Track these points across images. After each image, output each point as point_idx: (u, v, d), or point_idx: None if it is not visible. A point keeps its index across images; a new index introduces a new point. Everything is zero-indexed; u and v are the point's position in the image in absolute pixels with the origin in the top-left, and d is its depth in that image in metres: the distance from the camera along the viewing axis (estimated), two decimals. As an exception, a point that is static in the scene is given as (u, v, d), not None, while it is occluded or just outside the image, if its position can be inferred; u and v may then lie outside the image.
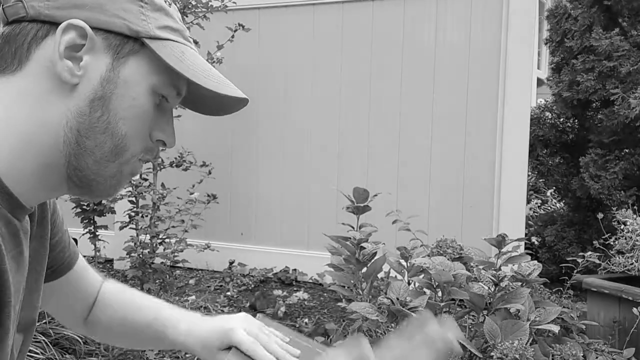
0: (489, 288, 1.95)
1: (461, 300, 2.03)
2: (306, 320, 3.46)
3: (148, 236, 3.35)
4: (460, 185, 4.03)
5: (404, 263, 2.11)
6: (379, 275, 2.22)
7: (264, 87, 4.48)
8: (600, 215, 3.40)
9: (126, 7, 0.66)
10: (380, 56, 4.21)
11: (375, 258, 2.13)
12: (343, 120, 4.32)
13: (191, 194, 3.56)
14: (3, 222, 0.63)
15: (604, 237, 3.08)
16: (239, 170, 4.62)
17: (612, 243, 2.97)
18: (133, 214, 3.44)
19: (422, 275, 2.01)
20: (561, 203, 5.23)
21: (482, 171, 3.97)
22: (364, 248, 2.12)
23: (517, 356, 1.65)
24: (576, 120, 4.63)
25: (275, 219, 4.52)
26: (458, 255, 2.11)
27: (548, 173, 4.70)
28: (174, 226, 3.44)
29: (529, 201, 5.90)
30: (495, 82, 3.91)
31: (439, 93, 4.07)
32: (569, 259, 2.65)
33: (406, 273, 2.11)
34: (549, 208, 5.89)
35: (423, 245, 2.26)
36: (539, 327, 1.88)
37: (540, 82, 7.88)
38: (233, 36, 3.88)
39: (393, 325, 1.89)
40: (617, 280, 2.94)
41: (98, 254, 3.52)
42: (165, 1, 0.70)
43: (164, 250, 3.33)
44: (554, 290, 2.57)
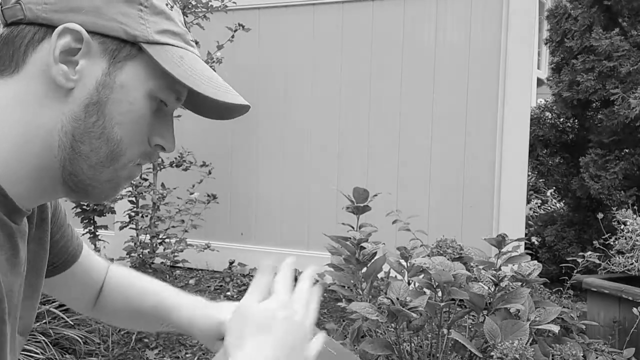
0: (489, 288, 1.96)
1: (461, 300, 2.04)
2: (306, 320, 3.46)
3: (148, 236, 3.35)
4: (460, 185, 4.03)
5: (404, 263, 2.11)
6: (379, 275, 2.22)
7: (264, 87, 4.48)
8: (600, 215, 3.40)
9: (124, 11, 0.65)
10: (380, 56, 4.21)
11: (375, 258, 2.13)
12: (343, 120, 4.32)
13: (191, 194, 3.56)
14: None
15: (604, 237, 3.08)
16: (239, 170, 4.62)
17: (612, 243, 2.97)
18: (133, 214, 3.45)
19: (422, 275, 2.02)
20: (561, 203, 5.23)
21: (482, 171, 3.97)
22: (364, 248, 2.12)
23: (517, 356, 1.65)
24: (576, 120, 4.63)
25: (275, 219, 4.52)
26: (458, 255, 2.11)
27: (548, 173, 4.70)
28: (174, 226, 3.44)
29: (529, 201, 5.90)
30: (495, 82, 3.91)
31: (439, 93, 4.07)
32: (569, 259, 2.65)
33: (406, 273, 2.11)
34: (549, 208, 5.89)
35: (423, 245, 2.26)
36: (539, 327, 1.89)
37: (540, 82, 7.88)
38: (233, 36, 3.88)
39: (393, 325, 1.89)
40: (617, 280, 2.94)
41: (98, 254, 3.51)
42: (166, 4, 0.69)
43: (164, 250, 3.33)
44: (554, 290, 2.57)
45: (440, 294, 1.95)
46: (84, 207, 3.35)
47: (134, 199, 3.42)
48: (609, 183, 3.86)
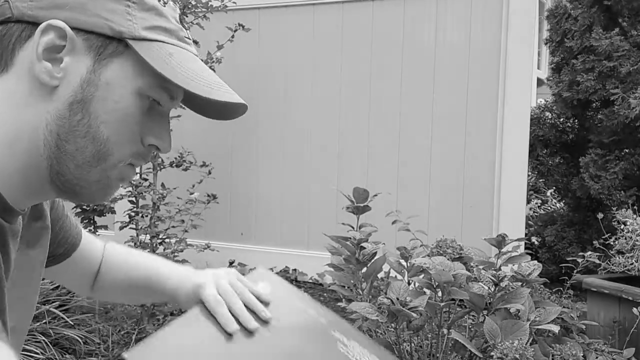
0: (489, 288, 1.96)
1: (461, 300, 2.04)
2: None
3: (148, 236, 3.35)
4: (460, 185, 4.03)
5: (404, 263, 2.11)
6: (379, 275, 2.22)
7: (264, 87, 4.48)
8: (600, 215, 3.40)
9: (110, 7, 0.64)
10: (380, 56, 4.21)
11: (375, 258, 2.13)
12: (343, 120, 4.32)
13: (191, 194, 3.55)
14: None
15: (604, 237, 3.08)
16: (239, 170, 4.62)
17: (612, 243, 2.97)
18: (133, 214, 3.44)
19: (422, 275, 2.02)
20: (561, 203, 5.23)
21: (482, 171, 3.97)
22: (364, 248, 2.12)
23: (517, 356, 1.65)
24: (576, 120, 4.63)
25: (275, 219, 4.52)
26: (458, 255, 2.11)
27: (548, 173, 4.71)
28: (174, 226, 3.43)
29: (529, 201, 5.90)
30: (495, 82, 3.91)
31: (439, 93, 4.07)
32: (569, 259, 2.65)
33: (406, 273, 2.11)
34: (549, 208, 5.89)
35: (423, 245, 2.26)
36: (539, 327, 1.89)
37: (540, 82, 7.87)
38: (233, 36, 3.88)
39: (393, 325, 1.89)
40: (617, 280, 2.94)
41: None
42: (159, 0, 0.68)
43: (164, 250, 3.33)
44: (554, 290, 2.57)
45: (440, 294, 1.95)
46: (84, 207, 3.35)
47: (134, 199, 3.42)
48: (609, 183, 3.86)
